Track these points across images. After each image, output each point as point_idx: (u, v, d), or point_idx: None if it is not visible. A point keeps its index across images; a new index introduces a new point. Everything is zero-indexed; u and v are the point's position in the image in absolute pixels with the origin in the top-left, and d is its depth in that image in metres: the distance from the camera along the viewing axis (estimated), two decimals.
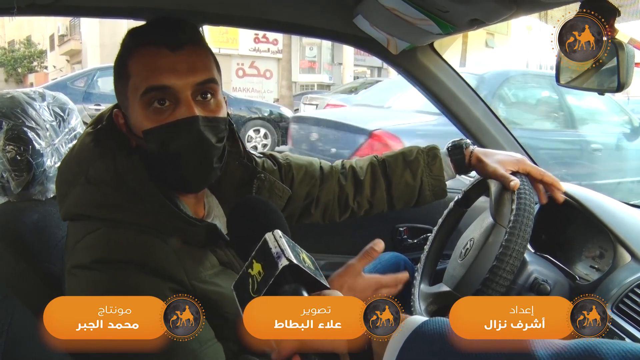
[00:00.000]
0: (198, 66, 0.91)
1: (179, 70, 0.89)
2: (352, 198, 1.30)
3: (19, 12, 1.13)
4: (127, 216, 0.88)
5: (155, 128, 0.89)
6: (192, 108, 0.89)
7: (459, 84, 1.59)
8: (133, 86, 0.90)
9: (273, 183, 1.12)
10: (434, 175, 1.29)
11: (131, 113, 0.92)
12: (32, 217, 1.12)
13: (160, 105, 0.89)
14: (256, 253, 0.69)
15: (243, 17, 1.45)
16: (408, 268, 1.54)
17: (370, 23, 1.35)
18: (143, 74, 0.89)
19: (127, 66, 0.91)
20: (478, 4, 1.00)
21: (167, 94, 0.89)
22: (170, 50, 0.89)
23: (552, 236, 1.39)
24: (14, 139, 1.11)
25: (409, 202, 1.33)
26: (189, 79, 0.89)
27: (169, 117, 0.89)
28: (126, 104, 0.93)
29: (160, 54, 0.89)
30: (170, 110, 0.89)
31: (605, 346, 0.52)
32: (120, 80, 0.93)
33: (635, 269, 1.10)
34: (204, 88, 0.92)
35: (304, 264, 0.66)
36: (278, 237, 0.69)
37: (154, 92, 0.88)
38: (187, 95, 0.89)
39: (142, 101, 0.89)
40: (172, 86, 0.88)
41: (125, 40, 0.95)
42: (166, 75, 0.88)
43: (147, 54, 0.90)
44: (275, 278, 0.64)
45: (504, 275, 1.03)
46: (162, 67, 0.88)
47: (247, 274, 0.68)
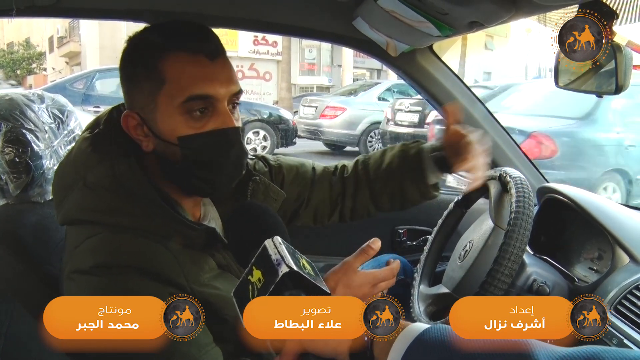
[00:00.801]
0: (233, 76, 0.93)
1: (219, 80, 0.90)
2: (341, 200, 1.29)
3: (18, 13, 1.13)
4: (125, 221, 0.88)
5: (195, 135, 0.90)
6: (231, 117, 0.91)
7: (458, 87, 1.60)
8: (170, 92, 0.89)
9: (268, 186, 1.12)
10: (418, 174, 1.23)
11: (159, 117, 0.90)
12: (31, 219, 1.12)
13: (201, 113, 0.90)
14: (256, 260, 0.68)
15: (243, 20, 1.45)
16: (407, 270, 1.54)
17: (369, 25, 1.35)
18: (183, 81, 0.88)
19: (159, 70, 0.89)
20: (477, 7, 1.00)
21: (208, 103, 0.90)
22: (209, 59, 0.90)
23: (551, 238, 1.40)
24: (13, 141, 1.11)
25: (394, 202, 1.28)
26: (229, 89, 0.91)
27: (206, 125, 0.90)
28: (151, 107, 0.91)
29: (200, 63, 0.89)
30: (207, 118, 0.90)
31: (608, 354, 0.52)
32: (146, 82, 0.90)
33: (634, 270, 1.10)
34: (236, 99, 0.94)
35: (304, 270, 0.66)
36: (278, 243, 0.68)
37: (196, 101, 0.89)
38: (224, 105, 0.91)
39: (181, 109, 0.89)
40: (214, 96, 0.89)
41: (148, 40, 0.92)
42: (208, 85, 0.89)
43: (185, 61, 0.89)
44: (275, 285, 0.64)
45: (503, 278, 1.03)
46: (203, 76, 0.89)
47: (247, 280, 0.68)
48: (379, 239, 1.03)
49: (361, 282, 1.03)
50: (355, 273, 1.03)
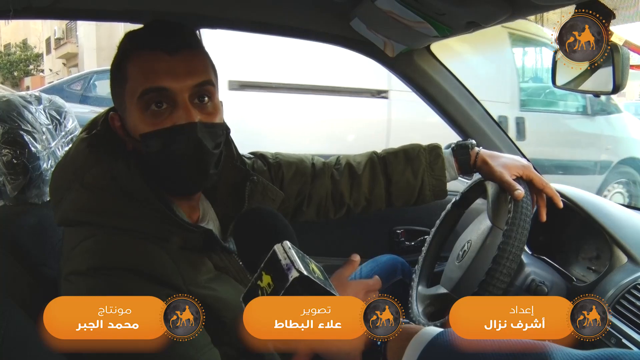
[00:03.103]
0: (195, 69, 0.91)
1: (176, 72, 0.89)
2: (349, 195, 1.28)
3: (15, 15, 1.13)
4: (123, 222, 0.88)
5: (153, 132, 0.89)
6: (190, 111, 0.89)
7: (456, 87, 1.60)
8: (130, 89, 0.90)
9: (266, 186, 1.11)
10: (435, 175, 1.27)
11: (128, 116, 0.92)
12: (29, 220, 1.11)
13: (158, 107, 0.89)
14: (265, 265, 0.68)
15: (240, 20, 1.45)
16: (405, 270, 1.54)
17: (367, 26, 1.35)
18: (140, 77, 0.89)
19: (124, 69, 0.91)
20: (474, 7, 1.01)
21: (164, 96, 0.89)
22: (168, 53, 0.89)
23: (549, 238, 1.40)
24: (10, 143, 1.10)
25: (409, 201, 1.31)
26: (187, 82, 0.89)
27: (166, 120, 0.89)
28: (123, 107, 0.93)
29: (157, 57, 0.89)
30: (167, 113, 0.89)
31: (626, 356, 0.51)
32: (118, 83, 0.93)
33: (632, 270, 1.10)
34: (201, 91, 0.92)
35: (313, 275, 0.66)
36: (287, 248, 0.68)
37: (150, 94, 0.88)
38: (184, 98, 0.89)
39: (139, 104, 0.89)
40: (169, 88, 0.88)
41: (122, 44, 0.95)
42: (163, 78, 0.88)
43: (144, 57, 0.90)
44: (285, 290, 0.64)
45: (501, 278, 1.03)
46: (159, 70, 0.88)
47: (256, 285, 0.67)
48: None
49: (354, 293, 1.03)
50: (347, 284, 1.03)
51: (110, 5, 1.31)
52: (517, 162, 1.24)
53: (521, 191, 1.15)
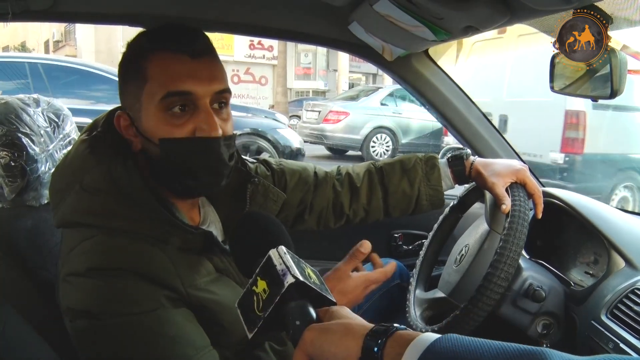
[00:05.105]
0: (217, 75, 0.92)
1: (200, 77, 0.89)
2: (348, 205, 1.29)
3: (13, 17, 1.13)
4: (122, 223, 0.88)
5: (175, 140, 0.89)
6: (212, 116, 0.90)
7: (454, 91, 1.60)
8: (150, 90, 0.89)
9: (267, 187, 1.12)
10: (431, 185, 1.28)
11: (144, 116, 0.91)
12: (26, 223, 1.11)
13: (180, 110, 0.89)
14: (260, 270, 0.67)
15: (239, 24, 1.45)
16: (403, 274, 1.54)
17: (365, 30, 1.35)
18: (163, 78, 0.89)
19: (143, 69, 0.90)
20: (472, 11, 1.00)
21: (188, 100, 0.89)
22: (191, 57, 0.90)
23: (547, 242, 1.40)
24: (8, 145, 1.10)
25: (406, 211, 1.32)
26: (210, 87, 0.90)
27: (187, 123, 0.90)
28: (137, 106, 0.92)
29: (180, 60, 0.89)
30: (188, 116, 0.90)
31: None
32: (133, 82, 0.92)
33: (629, 274, 1.10)
34: (220, 97, 0.93)
35: (309, 280, 0.65)
36: (282, 253, 0.67)
37: (174, 97, 0.88)
38: (206, 103, 0.90)
39: (160, 105, 0.89)
40: (193, 92, 0.89)
41: (137, 42, 0.94)
42: (187, 82, 0.88)
43: (167, 59, 0.90)
44: (281, 296, 0.63)
45: (499, 282, 1.03)
46: (183, 73, 0.89)
47: (251, 291, 0.67)
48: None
49: (355, 286, 1.03)
50: (349, 278, 1.03)
51: (108, 9, 1.31)
52: (510, 168, 1.23)
53: (506, 206, 1.16)
